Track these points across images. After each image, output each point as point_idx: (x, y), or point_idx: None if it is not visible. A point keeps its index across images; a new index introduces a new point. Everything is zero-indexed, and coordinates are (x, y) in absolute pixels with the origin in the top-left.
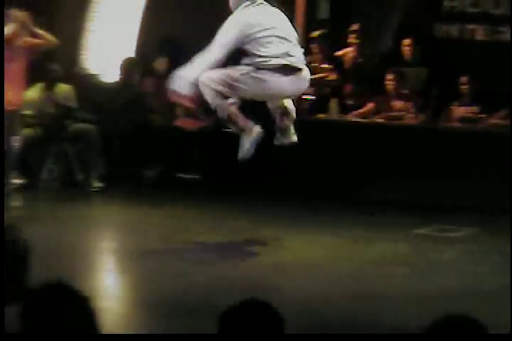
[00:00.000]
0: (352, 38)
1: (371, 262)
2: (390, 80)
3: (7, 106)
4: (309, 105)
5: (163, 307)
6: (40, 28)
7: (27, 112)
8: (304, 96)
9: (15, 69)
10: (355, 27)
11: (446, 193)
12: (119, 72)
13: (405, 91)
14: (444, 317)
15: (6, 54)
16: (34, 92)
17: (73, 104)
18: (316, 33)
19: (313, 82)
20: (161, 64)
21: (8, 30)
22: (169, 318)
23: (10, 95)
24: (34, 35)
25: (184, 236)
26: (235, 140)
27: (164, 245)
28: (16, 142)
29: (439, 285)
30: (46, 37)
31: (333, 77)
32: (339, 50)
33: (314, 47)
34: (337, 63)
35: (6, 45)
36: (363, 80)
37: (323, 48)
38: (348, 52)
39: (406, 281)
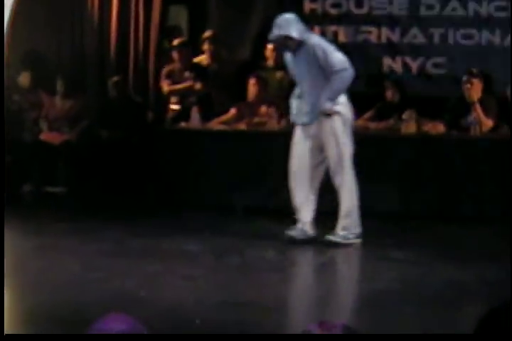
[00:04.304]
0: (206, 45)
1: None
2: (251, 85)
3: None
4: (174, 115)
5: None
6: None
7: None
8: (170, 107)
9: None
10: (208, 34)
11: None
12: None
13: (268, 97)
14: None
15: None
16: None
17: None
18: (176, 41)
19: (177, 92)
20: (24, 79)
21: None
22: None
23: None
24: None
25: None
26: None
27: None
28: None
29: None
30: None
31: (198, 85)
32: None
33: (175, 55)
34: (200, 71)
35: None
36: (223, 87)
37: (183, 56)
38: (202, 59)
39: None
